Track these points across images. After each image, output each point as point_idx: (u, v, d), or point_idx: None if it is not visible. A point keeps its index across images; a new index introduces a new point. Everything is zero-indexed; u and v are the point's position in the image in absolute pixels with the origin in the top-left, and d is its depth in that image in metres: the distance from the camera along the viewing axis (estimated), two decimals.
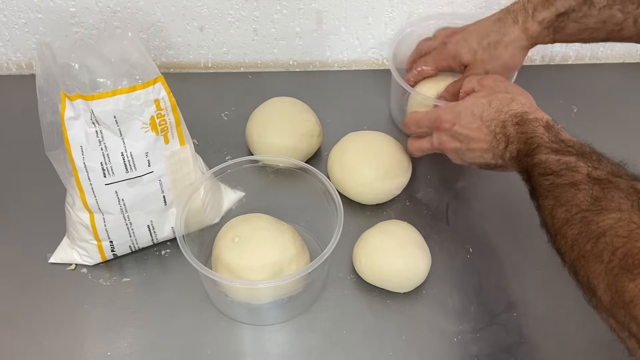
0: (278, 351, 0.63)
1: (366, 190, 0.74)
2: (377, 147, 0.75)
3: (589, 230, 0.48)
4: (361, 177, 0.73)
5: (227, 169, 0.69)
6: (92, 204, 0.64)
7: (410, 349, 0.63)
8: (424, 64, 0.77)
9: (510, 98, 0.63)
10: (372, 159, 0.74)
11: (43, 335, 0.63)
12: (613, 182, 0.49)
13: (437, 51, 0.76)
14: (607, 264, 0.45)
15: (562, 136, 0.58)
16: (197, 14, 0.89)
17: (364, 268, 0.67)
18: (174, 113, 0.64)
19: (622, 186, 0.49)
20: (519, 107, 0.62)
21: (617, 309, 0.44)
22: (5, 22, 0.88)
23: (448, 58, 0.74)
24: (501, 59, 0.70)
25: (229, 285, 0.63)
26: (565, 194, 0.52)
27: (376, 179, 0.73)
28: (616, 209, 0.47)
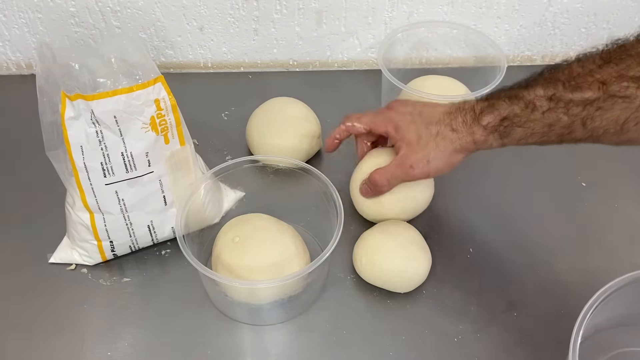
0: (278, 351, 0.63)
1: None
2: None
3: None
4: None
5: (227, 169, 0.69)
6: (92, 204, 0.64)
7: (410, 349, 0.63)
8: (357, 120, 0.71)
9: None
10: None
11: (43, 335, 0.63)
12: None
13: (379, 113, 0.70)
14: None
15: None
16: (197, 14, 0.89)
17: (364, 268, 0.67)
18: (174, 113, 0.64)
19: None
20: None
21: None
22: (5, 22, 0.88)
23: (387, 125, 0.68)
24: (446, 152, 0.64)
25: (229, 285, 0.63)
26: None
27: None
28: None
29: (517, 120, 0.59)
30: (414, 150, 0.65)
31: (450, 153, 0.64)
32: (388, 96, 0.86)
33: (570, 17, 0.94)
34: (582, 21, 0.94)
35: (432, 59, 0.97)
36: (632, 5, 0.93)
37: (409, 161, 0.65)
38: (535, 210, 0.77)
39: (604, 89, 0.53)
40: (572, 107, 0.55)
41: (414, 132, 0.65)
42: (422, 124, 0.66)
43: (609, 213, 0.76)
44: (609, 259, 0.72)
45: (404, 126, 0.66)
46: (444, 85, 0.86)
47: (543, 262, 0.71)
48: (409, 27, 0.90)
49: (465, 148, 0.63)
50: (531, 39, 0.96)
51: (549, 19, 0.94)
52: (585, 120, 0.54)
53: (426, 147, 0.64)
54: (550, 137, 0.58)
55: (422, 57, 0.96)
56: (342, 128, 0.71)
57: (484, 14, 0.93)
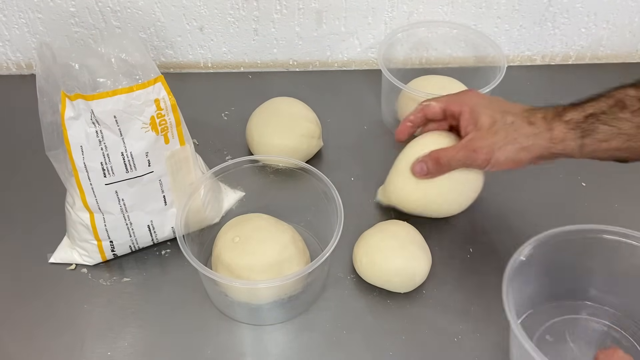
0: (278, 351, 0.63)
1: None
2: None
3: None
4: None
5: (227, 169, 0.69)
6: (92, 203, 0.64)
7: (410, 349, 0.63)
8: (434, 100, 0.68)
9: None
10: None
11: (43, 335, 0.63)
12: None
13: (455, 95, 0.68)
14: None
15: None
16: (197, 14, 0.89)
17: (364, 268, 0.67)
18: (174, 113, 0.64)
19: None
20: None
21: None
22: (5, 22, 0.88)
23: (464, 105, 0.65)
24: (515, 145, 0.60)
25: (229, 285, 0.63)
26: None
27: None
28: None
29: (604, 117, 0.57)
30: (483, 136, 0.62)
31: (519, 149, 0.60)
32: (388, 96, 0.86)
33: (570, 17, 0.94)
34: (582, 21, 0.94)
35: (432, 59, 0.97)
36: (632, 5, 0.93)
37: (474, 145, 0.62)
38: (535, 210, 0.77)
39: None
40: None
41: (488, 117, 0.62)
42: (499, 111, 0.63)
43: (609, 213, 0.76)
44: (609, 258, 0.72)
45: (479, 109, 0.63)
46: (444, 85, 0.86)
47: None
48: (409, 27, 0.90)
49: (538, 147, 0.60)
50: (531, 39, 0.96)
51: (549, 19, 0.94)
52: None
53: (496, 135, 0.61)
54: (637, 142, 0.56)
55: (422, 57, 0.96)
56: (417, 109, 0.69)
57: (484, 14, 0.93)
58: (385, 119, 0.88)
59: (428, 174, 0.66)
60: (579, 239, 0.61)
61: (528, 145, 0.60)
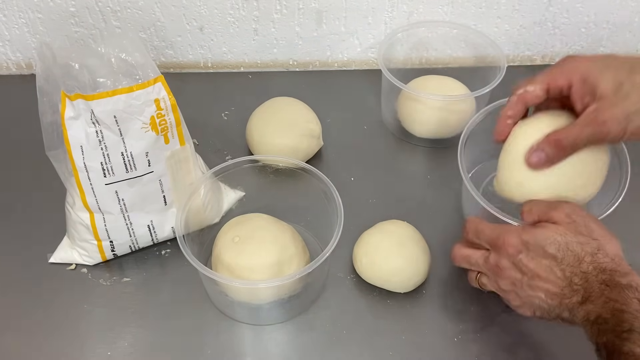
0: (278, 351, 0.63)
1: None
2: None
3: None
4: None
5: (227, 169, 0.69)
6: (92, 203, 0.64)
7: (410, 349, 0.63)
8: (530, 83, 0.59)
9: (596, 247, 0.53)
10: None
11: (43, 335, 0.63)
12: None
13: (555, 66, 0.58)
14: None
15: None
16: (197, 14, 0.89)
17: (364, 268, 0.67)
18: (174, 113, 0.64)
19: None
20: (607, 262, 0.52)
21: None
22: (5, 22, 0.88)
23: (571, 75, 0.55)
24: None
25: (229, 285, 0.63)
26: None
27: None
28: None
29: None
30: (611, 103, 0.53)
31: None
32: (388, 96, 0.86)
33: (570, 17, 0.94)
34: (582, 21, 0.94)
35: (432, 59, 0.97)
36: (632, 5, 0.93)
37: (602, 117, 0.53)
38: None
39: None
40: None
41: (610, 80, 0.53)
42: (623, 69, 0.53)
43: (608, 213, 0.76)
44: None
45: (595, 74, 0.54)
46: (444, 85, 0.86)
47: None
48: (409, 27, 0.90)
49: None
50: (531, 39, 0.96)
51: (549, 19, 0.94)
52: None
53: (627, 99, 0.52)
54: None
55: (422, 57, 0.96)
56: (513, 101, 0.59)
57: (484, 14, 0.93)
58: (385, 119, 0.88)
59: (547, 162, 0.57)
60: None
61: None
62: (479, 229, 0.59)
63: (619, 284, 0.50)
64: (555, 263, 0.53)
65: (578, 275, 0.52)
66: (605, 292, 0.50)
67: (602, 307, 0.49)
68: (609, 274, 0.51)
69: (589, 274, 0.51)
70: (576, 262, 0.52)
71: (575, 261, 0.52)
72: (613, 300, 0.49)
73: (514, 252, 0.55)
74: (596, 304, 0.50)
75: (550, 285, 0.53)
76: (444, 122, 0.82)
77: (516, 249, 0.55)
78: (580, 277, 0.52)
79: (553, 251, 0.53)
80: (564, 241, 0.53)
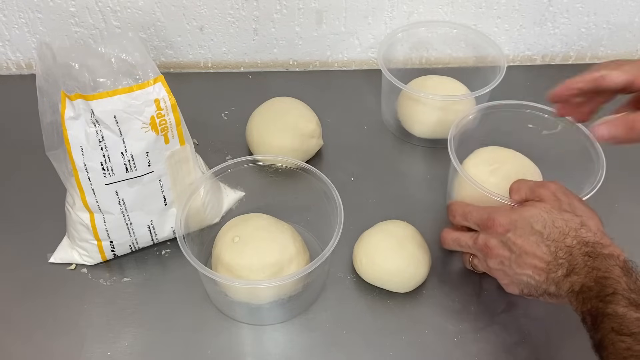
0: (278, 351, 0.63)
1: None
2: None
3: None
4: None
5: (227, 169, 0.69)
6: (92, 203, 0.64)
7: (410, 349, 0.63)
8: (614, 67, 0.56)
9: (580, 222, 0.56)
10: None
11: (43, 335, 0.63)
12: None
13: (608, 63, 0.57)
14: None
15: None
16: (197, 14, 0.89)
17: (364, 268, 0.67)
18: (174, 113, 0.64)
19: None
20: (589, 236, 0.55)
21: None
22: (5, 22, 0.88)
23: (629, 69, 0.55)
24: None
25: (229, 285, 0.63)
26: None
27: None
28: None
29: None
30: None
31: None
32: (388, 96, 0.86)
33: (570, 17, 0.94)
34: (582, 21, 0.94)
35: (432, 59, 0.97)
36: (632, 5, 0.93)
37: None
38: None
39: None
40: None
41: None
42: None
43: (609, 213, 0.76)
44: None
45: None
46: (444, 85, 0.86)
47: None
48: (409, 27, 0.90)
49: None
50: (531, 39, 0.96)
51: (549, 19, 0.94)
52: None
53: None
54: None
55: (422, 57, 0.96)
56: (588, 77, 0.57)
57: (484, 14, 0.93)
58: (385, 119, 0.88)
59: (611, 139, 0.56)
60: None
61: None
62: (467, 210, 0.63)
63: (601, 254, 0.53)
64: (542, 239, 0.56)
65: (563, 250, 0.55)
66: (588, 262, 0.53)
67: (586, 277, 0.52)
68: (592, 246, 0.54)
69: (573, 248, 0.54)
70: (561, 237, 0.55)
71: (560, 236, 0.55)
72: (596, 269, 0.52)
73: (502, 231, 0.58)
74: (580, 274, 0.53)
75: (537, 261, 0.56)
76: (444, 122, 0.82)
77: (505, 228, 0.58)
78: (564, 251, 0.55)
79: (539, 228, 0.56)
80: (549, 218, 0.57)
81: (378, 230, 0.69)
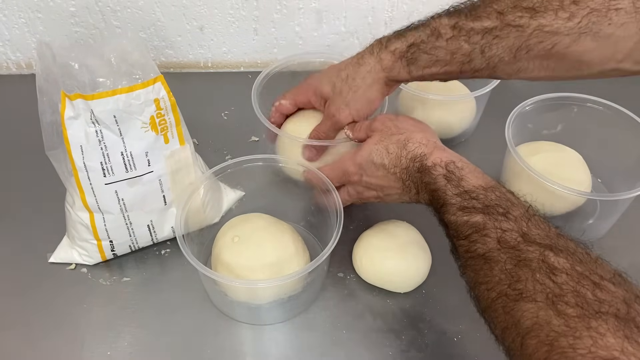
0: (278, 351, 0.63)
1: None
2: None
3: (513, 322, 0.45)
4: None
5: (227, 168, 0.69)
6: (92, 203, 0.64)
7: (410, 349, 0.63)
8: (283, 98, 0.74)
9: (405, 138, 0.61)
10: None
11: (43, 335, 0.63)
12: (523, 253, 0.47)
13: (298, 87, 0.74)
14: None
15: (464, 184, 0.55)
16: (197, 13, 0.89)
17: (364, 268, 0.67)
18: (173, 112, 0.64)
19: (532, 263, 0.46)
20: (416, 148, 0.60)
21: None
22: (5, 22, 0.88)
23: (307, 92, 0.71)
24: (359, 91, 0.65)
25: (228, 285, 0.63)
26: (481, 267, 0.50)
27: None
28: (532, 298, 0.44)
29: (424, 46, 0.61)
30: (332, 100, 0.68)
31: (364, 90, 0.65)
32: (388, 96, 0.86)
33: None
34: None
35: None
36: None
37: (330, 112, 0.68)
38: None
39: (501, 18, 0.56)
40: (472, 35, 0.58)
41: (327, 84, 0.68)
42: (334, 74, 0.68)
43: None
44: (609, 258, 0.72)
45: (320, 84, 0.69)
46: (444, 85, 0.85)
47: None
48: None
49: (376, 79, 0.64)
50: None
51: None
52: (483, 48, 0.58)
53: (341, 94, 0.67)
54: (452, 67, 0.61)
55: None
56: (273, 111, 0.75)
57: None
58: None
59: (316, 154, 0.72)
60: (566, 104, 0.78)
61: (368, 83, 0.65)
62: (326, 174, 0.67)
63: (426, 167, 0.58)
64: (386, 171, 0.62)
65: (403, 172, 0.60)
66: (421, 179, 0.59)
67: (425, 193, 0.59)
68: (419, 160, 0.59)
69: (409, 168, 0.60)
70: (398, 161, 0.61)
71: (397, 160, 0.61)
72: (426, 183, 0.58)
73: (357, 179, 0.65)
74: (422, 191, 0.59)
75: (394, 190, 0.62)
76: (444, 122, 0.82)
77: (357, 174, 0.64)
78: (404, 173, 0.60)
79: (379, 160, 0.62)
80: (383, 147, 0.62)
81: (378, 230, 0.69)
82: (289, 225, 0.68)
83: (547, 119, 0.78)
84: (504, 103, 0.76)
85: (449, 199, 0.55)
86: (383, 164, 0.62)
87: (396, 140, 0.62)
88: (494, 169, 0.80)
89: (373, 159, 0.62)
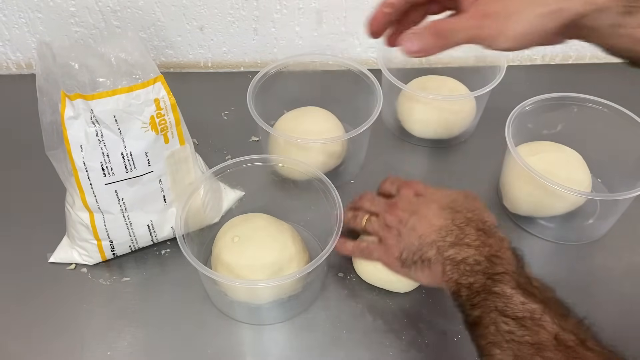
0: (278, 351, 0.63)
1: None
2: None
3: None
4: None
5: (227, 168, 0.69)
6: (92, 203, 0.64)
7: (410, 349, 0.63)
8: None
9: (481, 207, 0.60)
10: None
11: (43, 335, 0.63)
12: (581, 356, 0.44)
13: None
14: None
15: (526, 270, 0.52)
16: (197, 13, 0.89)
17: (364, 268, 0.67)
18: (173, 112, 0.64)
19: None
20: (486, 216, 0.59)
21: None
22: (5, 22, 0.88)
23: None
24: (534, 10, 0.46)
25: (228, 285, 0.63)
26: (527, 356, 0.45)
27: None
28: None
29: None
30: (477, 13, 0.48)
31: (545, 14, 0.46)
32: (388, 96, 0.86)
33: None
34: None
35: (432, 59, 0.97)
36: None
37: (485, 9, 0.47)
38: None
39: None
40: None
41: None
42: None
43: None
44: (609, 258, 0.72)
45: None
46: (444, 85, 0.86)
47: (543, 262, 0.71)
48: None
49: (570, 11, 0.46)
50: None
51: None
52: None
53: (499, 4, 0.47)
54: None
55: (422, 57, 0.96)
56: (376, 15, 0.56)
57: None
58: (385, 119, 0.88)
59: (421, 51, 0.50)
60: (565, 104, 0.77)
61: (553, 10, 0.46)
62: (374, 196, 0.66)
63: (496, 235, 0.56)
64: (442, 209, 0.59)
65: (461, 219, 0.57)
66: (481, 237, 0.55)
67: (477, 250, 0.54)
68: (488, 226, 0.57)
69: (470, 220, 0.57)
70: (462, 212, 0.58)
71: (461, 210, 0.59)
72: (489, 245, 0.54)
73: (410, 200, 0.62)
74: (471, 245, 0.54)
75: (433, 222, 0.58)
76: (444, 122, 0.82)
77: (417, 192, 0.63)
78: (462, 220, 0.57)
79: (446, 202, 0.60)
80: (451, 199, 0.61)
81: None
82: (289, 225, 0.68)
83: (547, 119, 0.78)
84: (504, 103, 0.76)
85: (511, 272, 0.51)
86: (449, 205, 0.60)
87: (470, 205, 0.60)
88: (494, 169, 0.80)
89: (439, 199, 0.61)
